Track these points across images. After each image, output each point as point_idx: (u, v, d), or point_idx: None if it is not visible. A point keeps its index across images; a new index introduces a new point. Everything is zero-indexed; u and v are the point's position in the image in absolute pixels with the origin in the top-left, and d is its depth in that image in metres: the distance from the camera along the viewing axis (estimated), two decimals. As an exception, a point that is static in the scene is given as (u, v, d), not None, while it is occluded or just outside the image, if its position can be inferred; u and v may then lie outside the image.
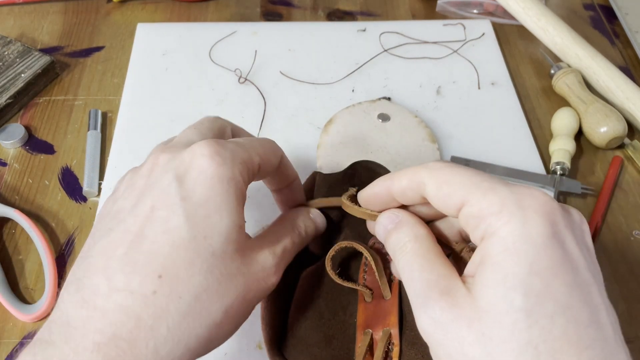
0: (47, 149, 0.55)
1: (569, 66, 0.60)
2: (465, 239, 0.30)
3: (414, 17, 0.69)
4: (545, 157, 0.55)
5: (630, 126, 0.57)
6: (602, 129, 0.54)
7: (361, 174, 0.46)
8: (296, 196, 0.37)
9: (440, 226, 0.31)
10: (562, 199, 0.52)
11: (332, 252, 0.33)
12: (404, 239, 0.28)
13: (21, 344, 0.42)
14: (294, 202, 0.37)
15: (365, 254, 0.32)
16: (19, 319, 0.43)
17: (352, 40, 0.65)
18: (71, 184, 0.52)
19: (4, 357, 0.42)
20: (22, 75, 0.58)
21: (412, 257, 0.27)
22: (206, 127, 0.33)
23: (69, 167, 0.53)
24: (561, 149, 0.53)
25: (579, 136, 0.57)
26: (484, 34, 0.66)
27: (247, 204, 0.38)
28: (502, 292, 0.23)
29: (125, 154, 0.53)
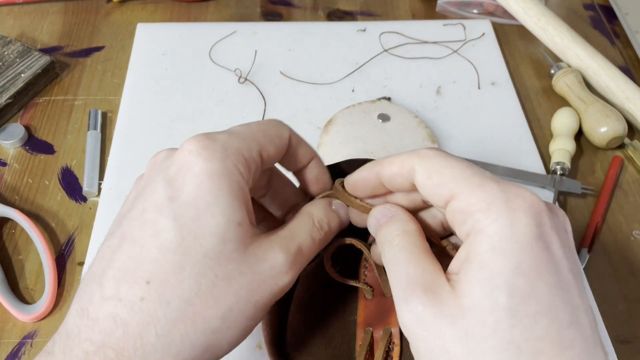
0: (47, 149, 0.55)
1: (569, 66, 0.60)
2: (446, 230, 0.30)
3: (414, 17, 0.69)
4: (545, 157, 0.55)
5: (630, 126, 0.57)
6: (602, 129, 0.54)
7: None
8: (318, 176, 0.33)
9: (422, 217, 0.31)
10: (562, 199, 0.52)
11: (331, 250, 0.33)
12: (393, 232, 0.28)
13: (21, 344, 0.42)
14: (318, 183, 0.34)
15: (364, 251, 0.32)
16: (18, 319, 0.43)
17: (352, 40, 0.65)
18: (71, 184, 0.52)
19: (4, 357, 0.42)
20: (22, 75, 0.58)
21: (398, 251, 0.27)
22: (254, 129, 0.30)
23: (69, 167, 0.53)
24: (561, 149, 0.53)
25: (579, 136, 0.57)
26: (484, 34, 0.66)
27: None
28: (486, 291, 0.23)
29: (125, 154, 0.53)
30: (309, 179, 0.33)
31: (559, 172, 0.52)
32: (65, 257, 0.47)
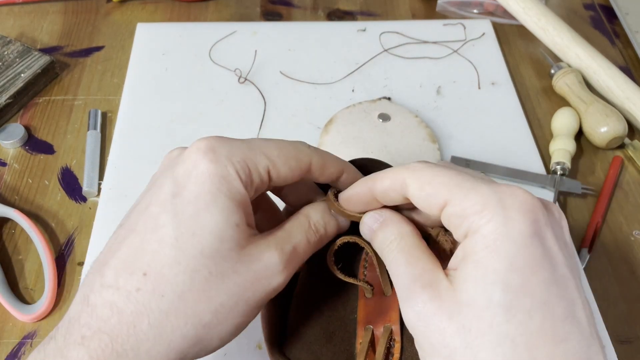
0: (46, 149, 0.55)
1: (569, 66, 0.60)
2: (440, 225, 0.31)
3: (414, 17, 0.69)
4: (545, 157, 0.55)
5: (630, 126, 0.57)
6: (603, 129, 0.54)
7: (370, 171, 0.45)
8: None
9: (417, 216, 0.31)
10: (562, 199, 0.52)
11: (334, 247, 0.33)
12: (389, 237, 0.29)
13: (21, 344, 0.42)
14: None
15: (367, 249, 0.33)
16: (18, 319, 0.43)
17: (352, 40, 0.65)
18: (71, 184, 0.52)
19: (4, 357, 0.42)
20: (22, 75, 0.58)
21: (398, 254, 0.28)
22: (271, 145, 0.30)
23: (69, 167, 0.53)
24: (561, 149, 0.53)
25: (579, 136, 0.57)
26: (484, 34, 0.66)
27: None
28: (482, 288, 0.24)
29: (125, 154, 0.53)
30: (340, 189, 0.33)
31: (559, 172, 0.52)
32: (65, 257, 0.47)
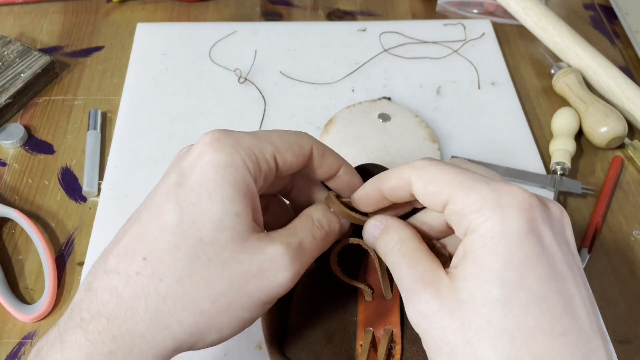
0: (46, 149, 0.55)
1: (569, 66, 0.60)
2: (450, 228, 0.31)
3: (414, 17, 0.69)
4: (545, 157, 0.55)
5: (630, 126, 0.57)
6: (602, 129, 0.54)
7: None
8: (350, 183, 0.34)
9: (426, 217, 0.32)
10: (562, 199, 0.52)
11: (338, 248, 0.33)
12: (391, 242, 0.30)
13: (21, 344, 0.42)
14: (351, 191, 0.34)
15: (371, 252, 0.33)
16: (18, 319, 0.43)
17: (352, 40, 0.65)
18: (71, 184, 0.52)
19: (4, 357, 0.42)
20: (22, 75, 0.58)
21: (400, 258, 0.29)
22: (273, 134, 0.31)
23: (69, 167, 0.53)
24: (561, 149, 0.53)
25: (579, 136, 0.57)
26: (484, 34, 0.66)
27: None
28: (480, 284, 0.25)
29: (125, 154, 0.53)
30: (341, 187, 0.34)
31: (559, 172, 0.52)
32: (65, 257, 0.47)
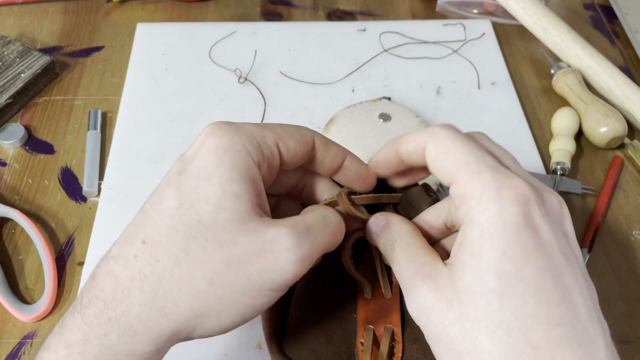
0: (46, 149, 0.55)
1: (569, 66, 0.60)
2: (449, 228, 0.32)
3: (414, 17, 0.69)
4: (545, 157, 0.55)
5: (630, 126, 0.57)
6: (602, 129, 0.54)
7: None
8: (358, 172, 0.33)
9: (428, 216, 0.32)
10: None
11: (351, 241, 0.33)
12: (391, 238, 0.31)
13: (21, 344, 0.42)
14: (360, 180, 0.33)
15: (373, 249, 0.33)
16: (18, 319, 0.43)
17: (352, 40, 0.65)
18: (71, 184, 0.52)
19: (4, 357, 0.42)
20: (22, 75, 0.58)
21: (399, 253, 0.30)
22: (275, 124, 0.31)
23: (69, 167, 0.53)
24: (561, 149, 0.53)
25: (579, 136, 0.57)
26: (484, 34, 0.66)
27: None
28: (477, 275, 0.25)
29: (125, 154, 0.53)
30: (350, 178, 0.33)
31: (559, 172, 0.52)
32: (65, 257, 0.47)
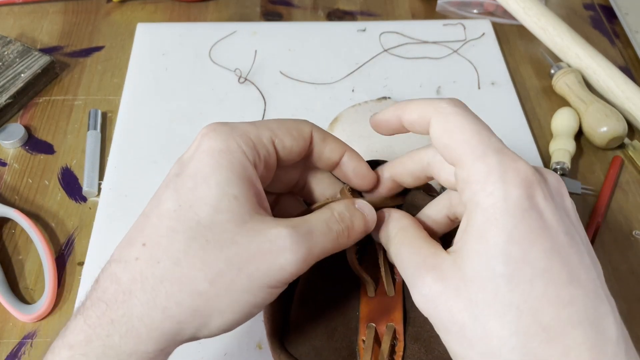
0: (47, 149, 0.55)
1: (569, 66, 0.60)
2: (452, 220, 0.32)
3: (414, 17, 0.69)
4: (545, 157, 0.55)
5: (630, 126, 0.57)
6: (602, 129, 0.54)
7: None
8: (356, 169, 0.33)
9: (429, 212, 0.32)
10: (562, 199, 0.52)
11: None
12: (391, 232, 0.31)
13: (21, 344, 0.42)
14: (358, 177, 0.33)
15: (377, 247, 0.33)
16: (18, 319, 0.43)
17: (352, 40, 0.65)
18: (71, 184, 0.52)
19: (4, 357, 0.42)
20: (22, 75, 0.58)
21: (401, 246, 0.30)
22: (271, 121, 0.31)
23: (69, 167, 0.53)
24: (561, 149, 0.53)
25: (579, 136, 0.57)
26: (484, 34, 0.66)
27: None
28: (485, 261, 0.25)
29: (125, 154, 0.53)
30: (347, 175, 0.33)
31: (559, 172, 0.52)
32: (65, 257, 0.47)
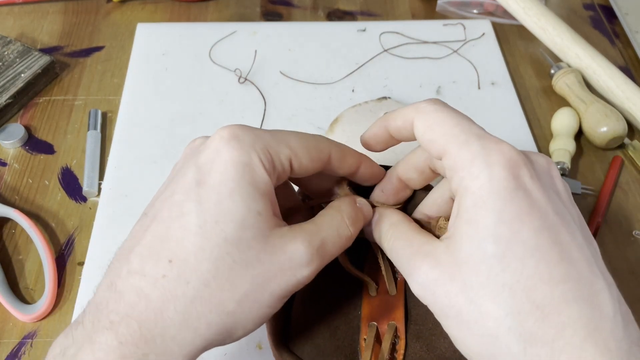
0: (47, 149, 0.55)
1: (569, 66, 0.60)
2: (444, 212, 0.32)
3: (414, 17, 0.69)
4: (545, 157, 0.55)
5: (630, 126, 0.57)
6: (602, 129, 0.54)
7: None
8: (372, 178, 0.34)
9: (424, 209, 0.33)
10: (562, 199, 0.52)
11: None
12: (384, 229, 0.31)
13: (21, 344, 0.42)
14: (372, 182, 0.34)
15: (374, 246, 0.33)
16: (18, 319, 0.43)
17: (352, 40, 0.65)
18: (71, 184, 0.52)
19: (4, 357, 0.42)
20: (22, 75, 0.58)
21: (394, 241, 0.30)
22: (292, 136, 0.30)
23: (69, 167, 0.53)
24: (561, 149, 0.53)
25: (579, 136, 0.57)
26: (484, 34, 0.66)
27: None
28: (476, 243, 0.26)
29: (125, 154, 0.53)
30: (361, 182, 0.34)
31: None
32: (65, 257, 0.47)
